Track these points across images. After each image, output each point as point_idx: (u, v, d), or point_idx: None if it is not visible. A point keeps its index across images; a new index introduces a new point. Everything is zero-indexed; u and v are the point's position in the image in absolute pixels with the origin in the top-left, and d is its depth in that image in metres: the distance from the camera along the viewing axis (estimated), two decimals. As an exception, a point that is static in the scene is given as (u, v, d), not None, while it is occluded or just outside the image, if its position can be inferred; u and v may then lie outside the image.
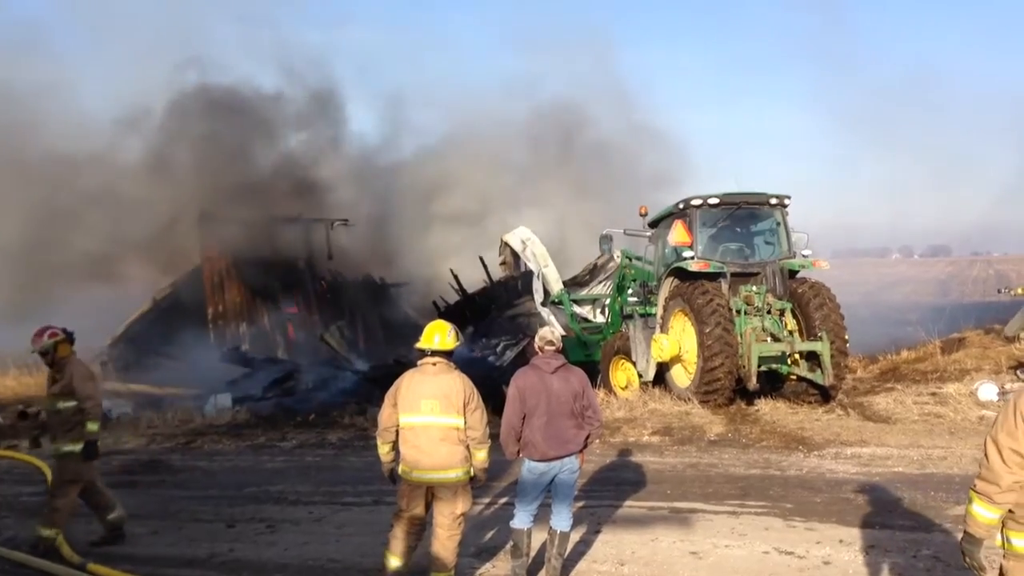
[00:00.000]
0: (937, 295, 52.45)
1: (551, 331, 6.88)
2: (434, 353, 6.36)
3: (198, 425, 15.04)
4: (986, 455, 4.06)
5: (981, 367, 15.75)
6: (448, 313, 22.34)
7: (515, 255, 20.95)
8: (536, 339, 6.85)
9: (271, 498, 9.85)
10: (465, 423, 6.26)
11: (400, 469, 6.37)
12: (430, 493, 6.32)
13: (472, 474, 6.39)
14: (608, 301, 17.95)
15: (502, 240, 21.12)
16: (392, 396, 6.37)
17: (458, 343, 6.51)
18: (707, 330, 13.29)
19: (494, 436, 6.48)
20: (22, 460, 12.27)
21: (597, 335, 17.80)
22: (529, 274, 20.44)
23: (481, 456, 6.38)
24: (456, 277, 22.46)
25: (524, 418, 6.48)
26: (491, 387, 13.89)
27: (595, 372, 15.84)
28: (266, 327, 24.57)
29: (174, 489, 10.58)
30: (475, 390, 6.39)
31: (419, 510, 6.34)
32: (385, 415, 6.40)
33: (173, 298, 24.71)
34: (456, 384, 6.29)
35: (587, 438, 6.68)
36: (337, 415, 15.02)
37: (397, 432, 6.36)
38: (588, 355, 17.25)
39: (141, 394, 20.14)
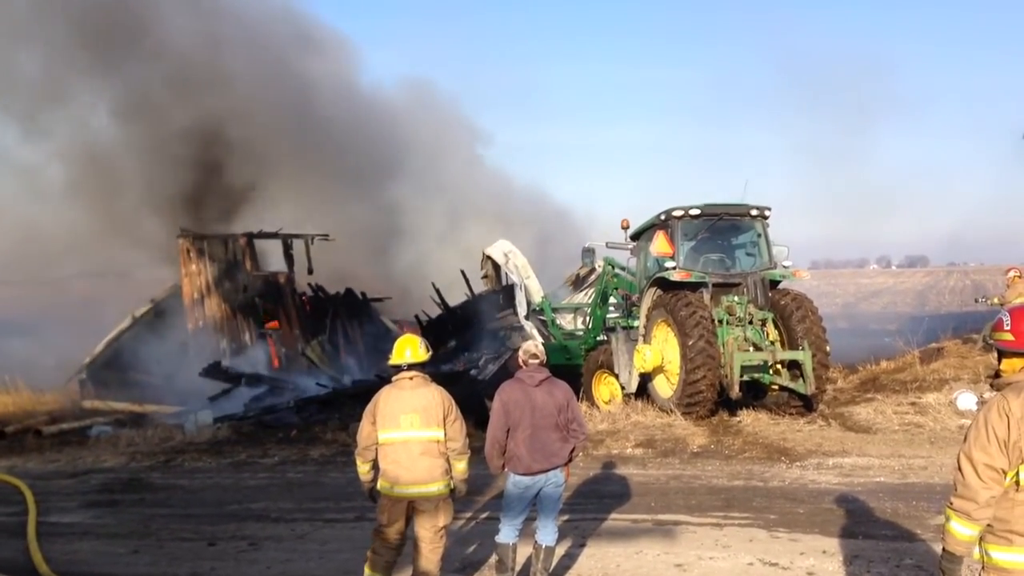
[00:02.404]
0: (915, 305, 52.80)
1: (535, 344, 6.89)
2: (410, 367, 6.36)
3: (178, 442, 14.90)
4: (961, 472, 4.05)
5: (960, 376, 15.85)
6: (430, 327, 22.31)
7: (497, 269, 20.98)
8: (520, 352, 6.85)
9: (253, 515, 9.77)
10: (445, 435, 6.26)
11: (380, 484, 6.35)
12: (411, 507, 6.30)
13: (452, 486, 6.38)
14: (590, 309, 17.99)
15: (484, 254, 21.15)
16: (370, 414, 6.35)
17: (429, 354, 6.51)
18: (690, 342, 13.34)
19: (477, 449, 6.48)
20: (0, 480, 12.13)
21: (578, 340, 17.85)
22: (511, 287, 20.48)
23: (461, 467, 6.39)
24: (438, 291, 22.43)
25: (508, 432, 6.48)
26: (474, 401, 13.89)
27: (576, 376, 15.87)
28: (247, 343, 24.43)
29: (154, 507, 10.48)
30: (453, 401, 6.40)
31: (400, 525, 6.33)
32: (364, 433, 6.37)
33: (153, 315, 24.52)
34: (435, 397, 6.30)
35: (572, 451, 6.69)
36: (319, 431, 14.95)
37: (376, 449, 6.34)
38: (568, 359, 17.28)
39: (121, 412, 19.95)
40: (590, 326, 17.47)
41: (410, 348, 6.39)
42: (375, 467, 6.40)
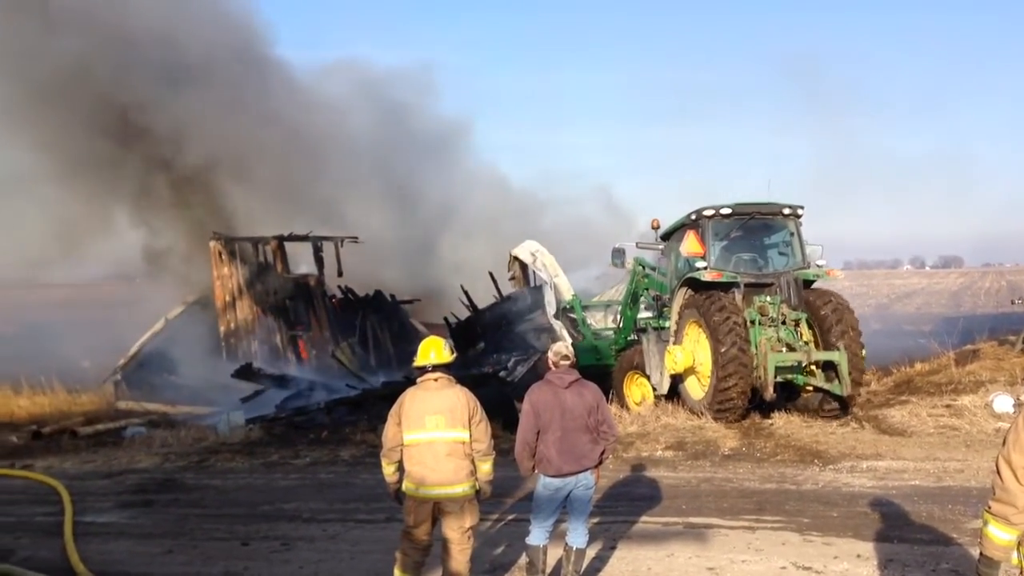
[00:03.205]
0: (950, 306, 52.17)
1: (565, 346, 6.87)
2: (434, 368, 6.38)
3: (211, 443, 15.04)
4: (1000, 475, 3.99)
5: (996, 379, 15.62)
6: (459, 329, 22.37)
7: (524, 269, 21.00)
8: (550, 354, 6.84)
9: (285, 516, 9.84)
10: (471, 436, 6.27)
11: (405, 486, 6.38)
12: (437, 508, 6.32)
13: (478, 487, 6.39)
14: (620, 307, 17.87)
15: (511, 255, 21.18)
16: (395, 415, 6.37)
17: (454, 356, 6.52)
18: (722, 349, 13.13)
19: (507, 451, 6.46)
20: (37, 480, 12.32)
21: (608, 340, 17.78)
22: (539, 288, 20.52)
23: (486, 468, 6.39)
24: (466, 293, 22.50)
25: (538, 434, 6.47)
26: (504, 403, 13.89)
27: (606, 377, 15.80)
28: (278, 344, 24.64)
29: (188, 507, 10.58)
30: (478, 403, 6.40)
31: (426, 526, 6.35)
32: (390, 435, 6.40)
33: (185, 317, 24.84)
34: (460, 398, 6.31)
35: (602, 453, 6.66)
36: (349, 432, 15.02)
37: (402, 450, 6.37)
38: (599, 359, 17.18)
39: (154, 413, 20.19)
40: (620, 326, 17.38)
41: (434, 350, 6.42)
42: (401, 468, 6.42)
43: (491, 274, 22.50)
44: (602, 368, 16.49)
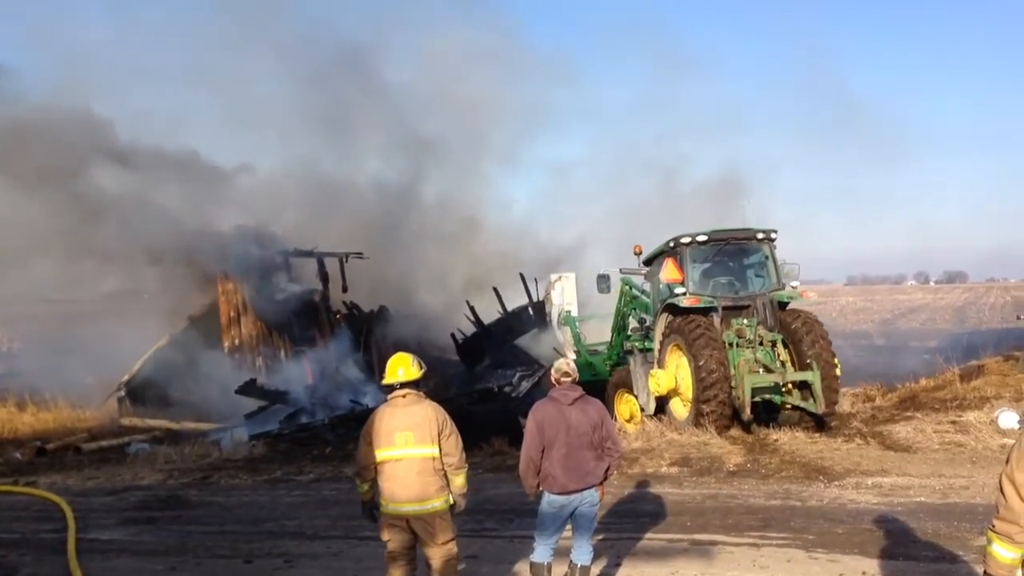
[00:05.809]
0: (954, 322, 52.08)
1: (567, 363, 6.88)
2: (403, 385, 6.38)
3: (215, 460, 15.05)
4: (1003, 494, 3.97)
5: (1001, 394, 15.59)
6: (465, 345, 22.41)
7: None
8: (552, 371, 6.85)
9: (288, 533, 9.83)
10: (441, 451, 6.25)
11: (379, 503, 6.37)
12: (412, 525, 6.29)
13: (452, 502, 6.37)
14: (612, 325, 18.03)
15: (551, 279, 21.69)
16: (367, 434, 6.37)
17: (423, 372, 6.50)
18: (700, 363, 13.58)
19: (512, 467, 6.45)
20: (40, 497, 12.32)
21: (602, 356, 18.14)
22: (541, 304, 20.76)
23: (460, 482, 6.37)
24: (472, 309, 22.53)
25: (543, 451, 6.46)
26: (508, 419, 13.91)
27: (603, 392, 15.95)
28: (282, 360, 24.62)
29: (191, 524, 10.57)
30: (448, 417, 6.39)
31: (402, 540, 6.32)
32: (362, 453, 6.40)
33: (189, 333, 24.83)
34: (428, 413, 6.30)
35: (607, 470, 6.65)
36: (353, 448, 14.98)
37: (375, 468, 6.35)
38: (595, 375, 17.40)
39: (158, 429, 20.19)
40: (612, 343, 17.63)
41: (402, 367, 6.42)
42: (375, 486, 6.41)
43: (495, 289, 22.54)
44: (599, 383, 16.66)
